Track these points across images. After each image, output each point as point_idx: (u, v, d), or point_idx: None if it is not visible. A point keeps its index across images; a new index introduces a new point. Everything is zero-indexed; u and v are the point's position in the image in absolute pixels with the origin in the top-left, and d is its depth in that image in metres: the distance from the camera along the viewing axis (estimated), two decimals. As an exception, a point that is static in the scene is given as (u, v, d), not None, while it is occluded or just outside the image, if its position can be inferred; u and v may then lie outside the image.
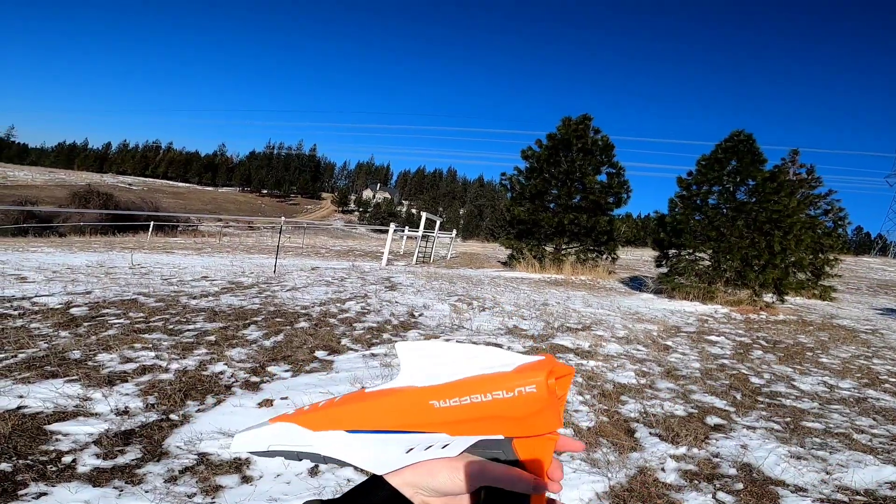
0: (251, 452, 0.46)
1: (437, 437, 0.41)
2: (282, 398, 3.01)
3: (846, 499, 2.31)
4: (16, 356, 3.27)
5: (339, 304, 6.19)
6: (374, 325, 5.25)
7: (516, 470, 0.40)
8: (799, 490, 2.37)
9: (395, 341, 4.55)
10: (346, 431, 0.43)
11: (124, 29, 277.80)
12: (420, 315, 6.01)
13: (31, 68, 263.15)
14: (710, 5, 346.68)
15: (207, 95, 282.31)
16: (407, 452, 0.41)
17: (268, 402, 2.94)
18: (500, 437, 0.40)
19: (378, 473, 0.42)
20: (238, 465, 2.20)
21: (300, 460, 0.44)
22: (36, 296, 5.23)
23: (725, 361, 4.93)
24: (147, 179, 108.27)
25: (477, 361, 0.41)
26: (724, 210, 9.58)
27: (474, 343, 0.43)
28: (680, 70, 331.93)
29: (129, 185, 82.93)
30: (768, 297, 9.17)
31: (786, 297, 9.29)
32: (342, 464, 0.43)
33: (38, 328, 3.98)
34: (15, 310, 4.54)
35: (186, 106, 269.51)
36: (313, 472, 2.22)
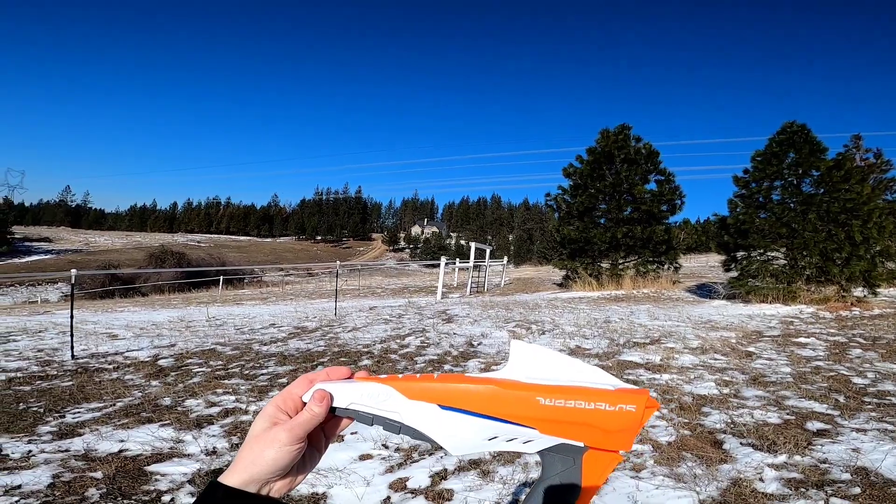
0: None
1: (526, 431, 0.43)
2: (352, 433, 3.06)
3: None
4: (114, 405, 3.56)
5: (398, 341, 6.27)
6: (435, 357, 5.27)
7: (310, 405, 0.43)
8: (926, 491, 2.12)
9: (457, 372, 4.55)
10: (440, 406, 0.43)
11: (177, 93, 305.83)
12: (479, 344, 5.98)
13: (97, 134, 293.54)
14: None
15: (257, 148, 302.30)
16: (489, 440, 0.43)
17: (339, 438, 3.00)
18: (581, 444, 0.43)
19: (452, 453, 0.44)
20: (317, 500, 2.25)
21: (371, 425, 0.44)
22: (127, 351, 5.68)
23: (820, 363, 4.54)
24: (212, 235, 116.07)
25: (581, 375, 0.44)
26: (791, 204, 8.99)
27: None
28: (720, 67, 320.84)
29: (198, 242, 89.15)
30: (858, 292, 8.41)
31: (878, 290, 8.48)
32: (420, 436, 0.44)
33: (132, 379, 4.32)
34: (110, 364, 4.95)
35: (239, 160, 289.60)
36: (386, 502, 2.23)
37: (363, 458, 2.70)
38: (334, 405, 0.45)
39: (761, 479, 2.32)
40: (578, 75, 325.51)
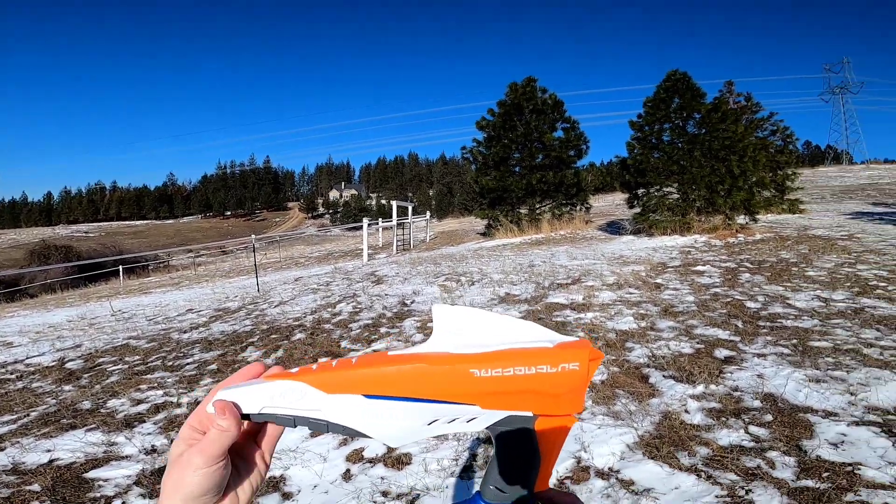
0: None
1: (467, 408, 0.39)
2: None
3: (879, 419, 2.24)
4: (28, 415, 3.24)
5: (330, 310, 6.17)
6: (369, 321, 5.26)
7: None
8: (830, 415, 2.33)
9: (393, 333, 4.60)
10: (364, 396, 0.38)
11: (42, 66, 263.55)
12: (412, 302, 6.05)
13: None
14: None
15: (145, 126, 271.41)
16: (429, 424, 0.39)
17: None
18: (529, 413, 0.39)
19: (392, 445, 0.40)
20: (276, 483, 2.25)
21: (295, 427, 0.39)
22: (27, 357, 5.10)
23: (717, 290, 5.00)
24: (101, 224, 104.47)
25: (516, 333, 0.40)
26: (679, 144, 9.95)
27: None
28: (611, 17, 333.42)
29: (85, 232, 79.96)
30: (741, 219, 9.52)
31: (757, 217, 9.67)
32: (352, 433, 0.39)
33: (41, 386, 3.92)
34: (11, 373, 4.44)
35: (123, 140, 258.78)
36: (347, 476, 2.26)
37: (314, 435, 2.68)
38: (245, 412, 0.39)
39: (686, 411, 2.51)
40: (485, 32, 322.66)
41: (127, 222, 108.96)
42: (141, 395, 3.52)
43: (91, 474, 2.38)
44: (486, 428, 0.40)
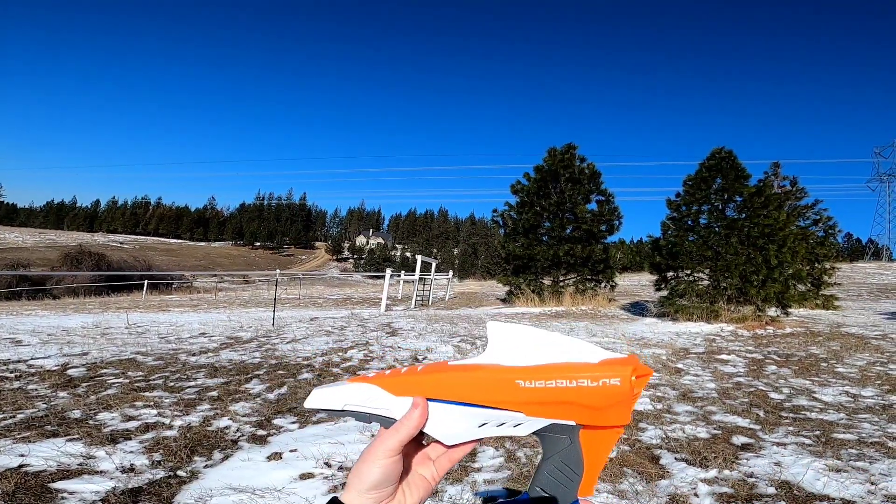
0: (325, 410, 0.46)
1: (513, 415, 0.43)
2: (290, 450, 2.89)
3: (897, 508, 2.20)
4: (14, 416, 3.16)
5: (340, 354, 6.06)
6: (379, 371, 5.13)
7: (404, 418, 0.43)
8: (847, 503, 2.28)
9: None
10: (426, 399, 0.43)
11: (109, 83, 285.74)
12: (424, 358, 5.90)
13: (16, 125, 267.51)
14: (681, 28, 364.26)
15: (194, 148, 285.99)
16: (479, 427, 0.44)
17: (277, 455, 2.82)
18: (572, 423, 0.42)
19: (447, 444, 0.45)
20: (252, 521, 2.08)
21: (370, 423, 0.45)
22: (32, 358, 5.10)
23: (741, 379, 4.84)
24: (138, 237, 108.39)
25: (564, 350, 0.42)
26: (717, 228, 9.65)
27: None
28: (657, 92, 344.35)
29: (121, 243, 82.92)
30: (772, 312, 9.13)
31: (790, 310, 9.25)
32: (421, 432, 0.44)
33: (36, 389, 3.86)
34: (11, 372, 4.42)
35: (174, 160, 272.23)
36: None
37: (304, 477, 2.54)
38: (328, 408, 0.46)
39: (696, 495, 2.40)
40: (526, 95, 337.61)
41: (162, 239, 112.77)
42: (134, 411, 3.42)
43: (58, 485, 2.25)
44: (535, 434, 0.44)
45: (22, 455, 2.54)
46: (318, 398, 0.46)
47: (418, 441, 0.48)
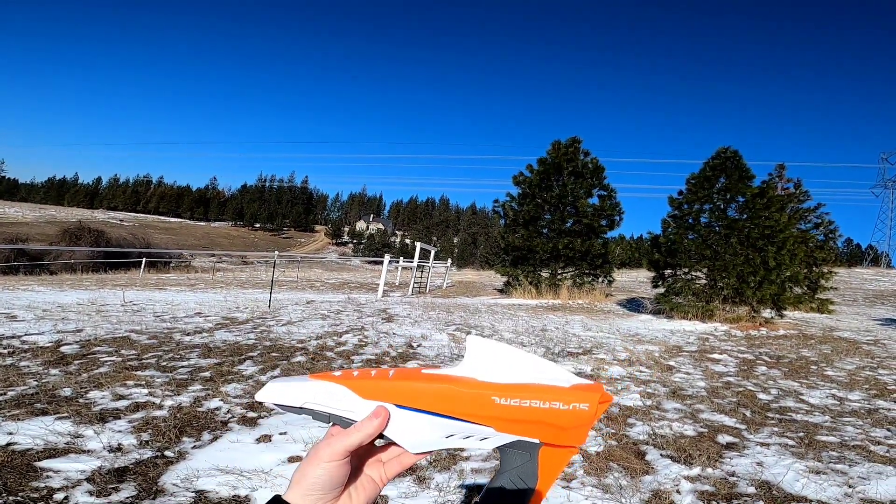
0: (280, 406, 0.45)
1: (482, 429, 0.43)
2: (280, 433, 2.91)
3: (870, 512, 2.22)
4: (5, 394, 3.17)
5: (335, 338, 6.08)
6: (372, 357, 5.16)
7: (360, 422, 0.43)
8: (822, 505, 2.31)
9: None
10: (396, 406, 0.43)
11: (114, 62, 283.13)
12: (418, 346, 5.92)
13: (20, 101, 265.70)
14: (691, 25, 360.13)
15: (198, 128, 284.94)
16: (446, 438, 0.44)
17: (266, 438, 2.84)
18: (536, 440, 0.44)
19: (412, 452, 0.45)
20: (238, 503, 2.10)
21: (329, 423, 0.44)
22: (25, 334, 5.10)
23: (731, 379, 4.87)
24: (138, 215, 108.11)
25: (537, 372, 0.44)
26: (717, 228, 9.64)
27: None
28: (665, 89, 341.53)
29: (121, 221, 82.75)
30: (767, 313, 9.16)
31: (784, 312, 9.28)
32: (380, 437, 0.44)
33: (28, 366, 3.87)
34: (4, 348, 4.42)
35: (177, 139, 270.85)
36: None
37: (292, 460, 2.56)
38: (284, 404, 0.44)
39: (678, 492, 2.42)
40: (532, 86, 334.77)
41: (162, 217, 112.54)
42: (125, 390, 3.43)
43: (43, 463, 2.26)
44: (497, 448, 0.45)
45: (10, 433, 2.55)
46: (274, 392, 0.44)
47: (371, 442, 0.47)
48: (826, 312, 11.63)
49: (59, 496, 2.01)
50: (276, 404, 0.45)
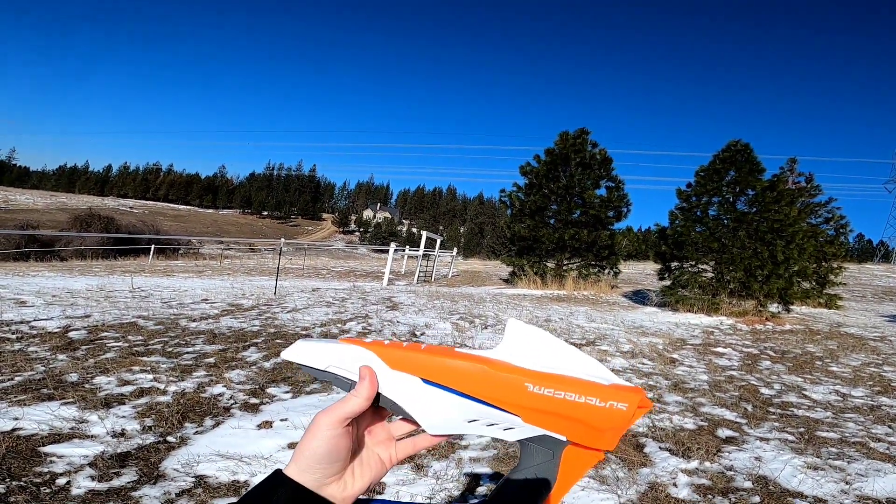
0: (303, 366, 0.43)
1: (509, 417, 0.41)
2: (282, 419, 2.94)
3: (866, 509, 2.22)
4: (12, 379, 3.23)
5: (339, 325, 6.13)
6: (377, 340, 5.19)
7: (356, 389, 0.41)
8: (818, 501, 2.31)
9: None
10: (423, 380, 0.41)
11: (125, 51, 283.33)
12: (422, 334, 5.95)
13: (32, 90, 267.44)
14: (704, 16, 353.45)
15: (207, 117, 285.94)
16: (469, 422, 0.42)
17: (267, 424, 2.87)
18: (563, 438, 0.41)
19: (431, 433, 0.43)
20: (237, 488, 2.13)
21: (349, 391, 0.42)
22: (34, 320, 5.18)
23: (734, 373, 4.85)
24: (148, 202, 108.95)
25: (578, 364, 0.42)
26: (725, 221, 9.55)
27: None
28: (676, 81, 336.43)
29: (130, 208, 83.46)
30: (774, 308, 9.09)
31: (791, 307, 9.20)
32: (399, 410, 0.42)
33: (36, 352, 3.94)
34: (13, 334, 4.49)
35: (186, 127, 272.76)
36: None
37: (292, 446, 2.59)
38: (308, 364, 0.42)
39: (675, 485, 2.43)
40: (540, 76, 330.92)
41: (171, 204, 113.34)
42: (131, 376, 3.48)
43: (48, 448, 2.31)
44: (518, 441, 0.42)
45: (16, 418, 2.60)
46: (301, 352, 0.43)
47: (382, 417, 0.45)
48: (834, 308, 11.52)
49: (61, 481, 2.06)
50: (300, 364, 0.43)
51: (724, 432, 3.15)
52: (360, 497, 0.43)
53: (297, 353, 0.43)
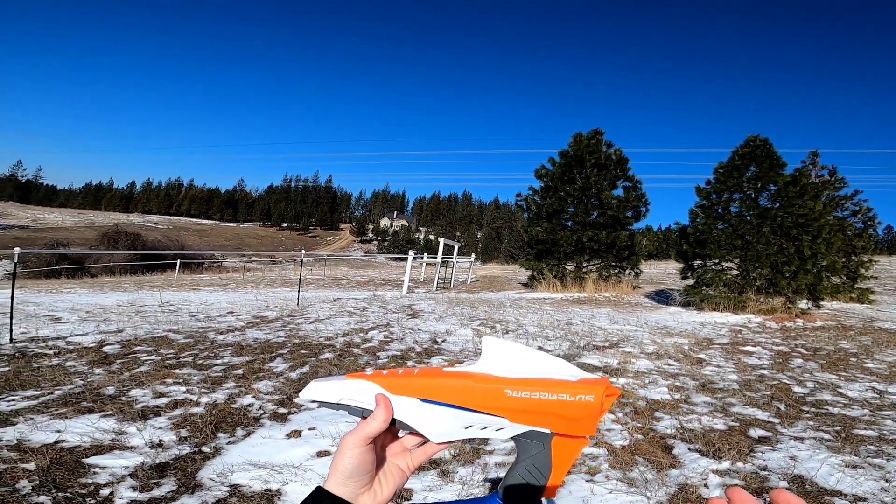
0: (320, 402, 0.50)
1: (497, 420, 0.47)
2: (310, 428, 3.00)
3: (910, 508, 2.16)
4: (52, 393, 3.36)
5: (362, 335, 6.19)
6: (398, 353, 5.23)
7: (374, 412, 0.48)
8: (858, 499, 2.26)
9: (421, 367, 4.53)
10: (420, 400, 0.48)
11: (144, 70, 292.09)
12: (443, 341, 5.97)
13: (55, 110, 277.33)
14: (718, 9, 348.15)
15: (224, 131, 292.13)
16: (465, 428, 0.48)
17: (296, 433, 2.93)
18: (547, 431, 0.47)
19: (435, 441, 0.49)
20: (269, 497, 2.19)
21: (363, 417, 0.48)
22: (70, 335, 5.37)
23: (764, 372, 4.75)
24: (171, 217, 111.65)
25: (547, 367, 0.48)
26: (748, 217, 9.35)
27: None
28: (691, 77, 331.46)
29: (155, 223, 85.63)
30: (803, 304, 8.85)
31: (822, 303, 8.94)
32: (405, 426, 0.49)
33: (74, 366, 4.09)
34: (51, 349, 4.67)
35: (205, 142, 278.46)
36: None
37: (321, 454, 2.64)
38: (323, 400, 0.49)
39: (706, 486, 2.40)
40: (554, 77, 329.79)
41: (194, 219, 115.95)
42: (165, 388, 3.59)
43: (90, 460, 2.40)
44: (512, 438, 0.48)
45: (58, 431, 2.71)
46: (316, 391, 0.49)
47: (395, 434, 0.52)
48: (866, 302, 11.17)
49: (105, 492, 2.14)
50: (317, 402, 0.50)
51: (756, 432, 3.10)
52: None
53: (311, 392, 0.50)
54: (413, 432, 0.50)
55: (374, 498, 0.47)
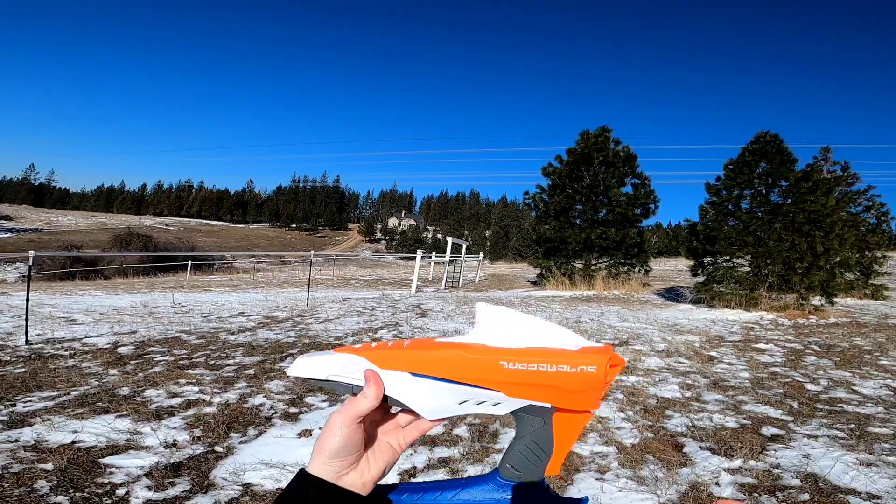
0: (308, 378, 0.46)
1: (493, 394, 0.44)
2: (320, 428, 3.01)
3: (925, 507, 2.14)
4: (69, 394, 3.42)
5: (371, 334, 6.23)
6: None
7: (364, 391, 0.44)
8: (872, 498, 2.24)
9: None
10: (411, 374, 0.44)
11: (153, 73, 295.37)
12: (453, 338, 5.98)
13: (67, 113, 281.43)
14: (728, 3, 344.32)
15: (233, 132, 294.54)
16: (460, 404, 0.45)
17: (307, 433, 2.96)
18: (548, 405, 0.44)
19: (428, 418, 0.46)
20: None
21: (354, 395, 0.45)
22: (85, 337, 5.47)
23: (777, 369, 4.71)
24: (182, 219, 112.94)
25: (547, 335, 0.44)
26: (759, 213, 9.26)
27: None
28: (700, 73, 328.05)
29: (166, 225, 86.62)
30: (816, 301, 8.75)
31: (835, 299, 8.83)
32: (396, 403, 0.46)
33: (89, 367, 4.16)
34: (66, 350, 4.75)
35: (214, 143, 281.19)
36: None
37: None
38: (311, 377, 0.46)
39: (717, 484, 2.39)
40: (560, 74, 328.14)
41: (204, 221, 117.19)
42: (178, 388, 3.64)
43: (106, 460, 2.44)
44: (511, 413, 0.45)
45: (75, 431, 2.76)
46: (303, 366, 0.46)
47: (387, 410, 0.49)
48: (880, 299, 11.02)
49: (121, 491, 2.18)
50: (304, 378, 0.47)
51: (768, 430, 3.07)
52: (382, 483, 0.48)
53: (299, 368, 0.47)
54: (405, 409, 0.46)
55: (360, 476, 0.45)
